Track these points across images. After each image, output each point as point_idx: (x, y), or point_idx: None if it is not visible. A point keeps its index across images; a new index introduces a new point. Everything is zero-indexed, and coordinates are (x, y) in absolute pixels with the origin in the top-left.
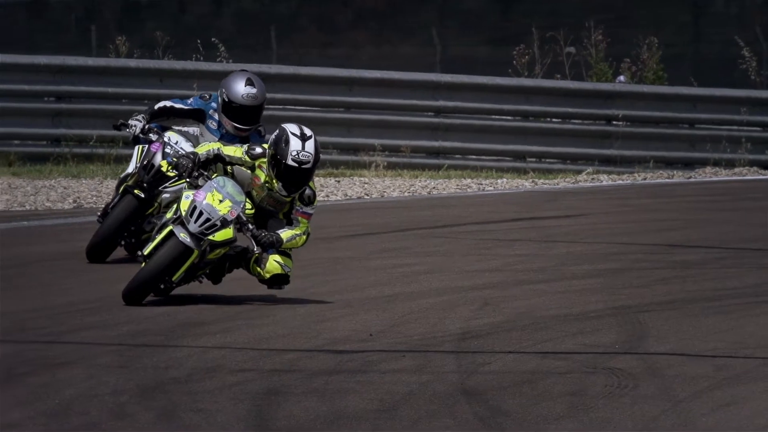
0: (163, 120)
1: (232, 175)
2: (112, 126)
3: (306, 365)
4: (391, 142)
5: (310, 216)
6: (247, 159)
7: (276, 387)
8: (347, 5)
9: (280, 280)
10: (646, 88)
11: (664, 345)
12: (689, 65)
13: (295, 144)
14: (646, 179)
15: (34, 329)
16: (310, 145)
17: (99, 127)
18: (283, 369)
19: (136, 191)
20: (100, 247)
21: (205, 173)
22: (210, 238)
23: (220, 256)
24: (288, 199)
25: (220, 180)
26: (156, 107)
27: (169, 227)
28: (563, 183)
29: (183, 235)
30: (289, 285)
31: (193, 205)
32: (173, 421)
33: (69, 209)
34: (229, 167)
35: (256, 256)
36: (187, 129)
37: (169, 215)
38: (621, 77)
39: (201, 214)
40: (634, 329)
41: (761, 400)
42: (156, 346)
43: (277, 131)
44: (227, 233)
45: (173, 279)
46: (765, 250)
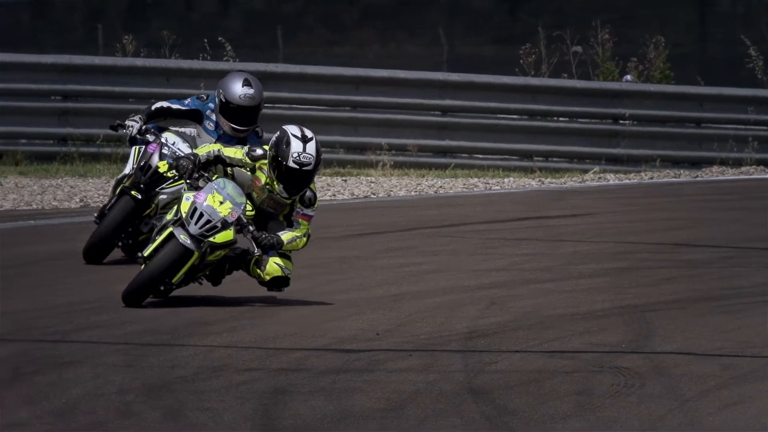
0: (160, 121)
1: (232, 177)
2: (109, 127)
3: (313, 364)
4: (397, 141)
5: (310, 218)
6: (247, 161)
7: (283, 386)
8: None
9: (280, 283)
10: (653, 87)
11: (671, 344)
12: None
13: (296, 146)
14: (652, 178)
15: (40, 328)
16: (311, 147)
17: (105, 126)
18: (290, 368)
19: (133, 192)
20: (97, 248)
21: (205, 175)
22: (210, 239)
23: (220, 258)
24: (288, 201)
25: (220, 181)
26: (153, 108)
27: (170, 229)
28: (570, 182)
29: (183, 237)
30: (296, 284)
31: (194, 206)
32: (180, 420)
33: (76, 208)
34: (229, 169)
35: (256, 258)
36: (184, 130)
37: (169, 217)
38: (628, 76)
39: (201, 215)
40: (641, 328)
41: None
42: (162, 345)
43: (278, 133)
44: (228, 235)
45: (173, 281)
46: None
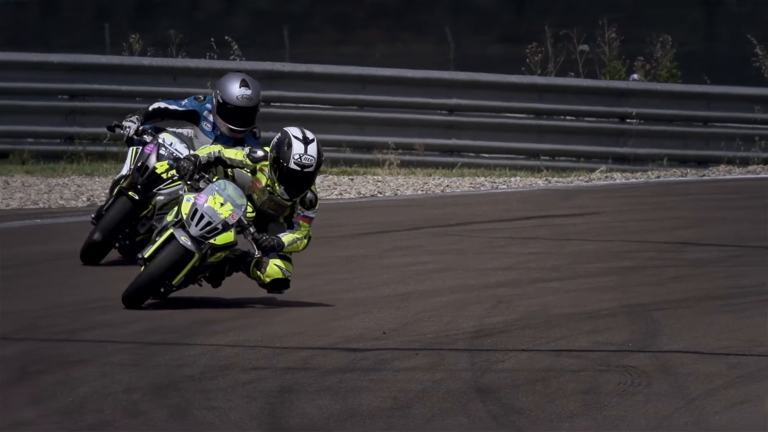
0: (157, 121)
1: (233, 178)
2: (106, 127)
3: (319, 363)
4: (404, 140)
5: (311, 220)
6: (248, 162)
7: (289, 385)
8: (360, 4)
9: (280, 285)
10: (660, 86)
11: (677, 343)
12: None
13: (297, 147)
14: (659, 177)
15: (46, 327)
16: (313, 149)
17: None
18: (297, 367)
19: (130, 193)
20: (94, 249)
21: (206, 176)
22: (211, 241)
23: (221, 260)
24: (289, 202)
25: (221, 183)
26: (150, 108)
27: (170, 230)
28: (577, 181)
29: (184, 239)
30: (302, 283)
31: (195, 208)
32: (186, 419)
33: (82, 207)
34: (229, 170)
35: (257, 259)
36: (181, 131)
37: (169, 218)
38: (635, 75)
39: (202, 217)
40: (647, 327)
41: None
42: (169, 344)
43: (280, 134)
44: (228, 237)
45: (173, 282)
46: None
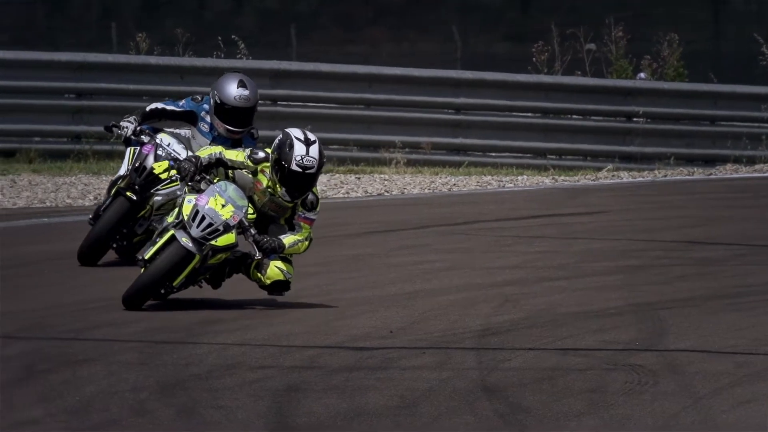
0: (154, 122)
1: (233, 180)
2: (104, 127)
3: (326, 362)
4: (411, 138)
5: (312, 221)
6: (249, 163)
7: (296, 384)
8: (367, 2)
9: (280, 287)
10: (667, 85)
11: (684, 342)
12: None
13: (299, 149)
14: (666, 176)
15: (53, 326)
16: (315, 150)
17: None
18: (303, 366)
19: (128, 193)
20: (92, 249)
21: (207, 177)
22: (212, 243)
23: (221, 261)
24: (290, 204)
25: (222, 184)
26: (147, 109)
27: (171, 231)
28: (583, 180)
29: (185, 240)
30: (309, 282)
31: (196, 209)
32: (193, 418)
33: (89, 206)
34: (230, 171)
35: (257, 261)
36: (179, 131)
37: (170, 219)
38: (641, 74)
39: (203, 218)
40: (654, 326)
41: None
42: (176, 342)
43: (281, 136)
44: (229, 238)
45: (174, 284)
46: None
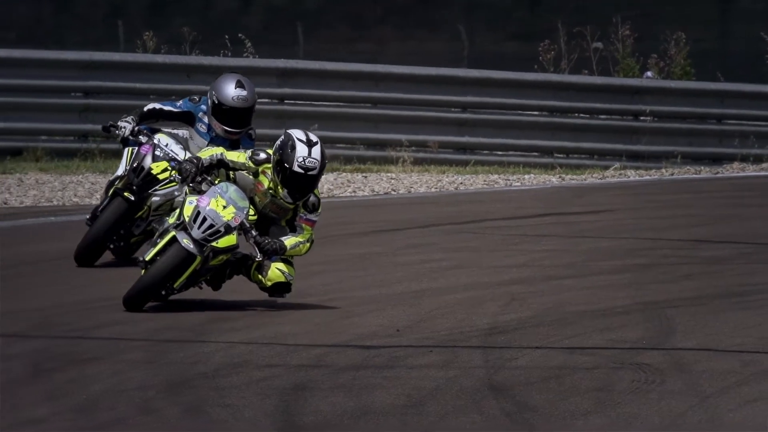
0: (152, 122)
1: (234, 181)
2: (101, 128)
3: (333, 361)
4: (418, 137)
5: (314, 223)
6: (250, 165)
7: (303, 382)
8: (374, 1)
9: (281, 288)
10: (674, 84)
11: (691, 340)
12: (716, 61)
13: (301, 150)
14: (673, 175)
15: (60, 325)
16: (317, 152)
17: None
18: (310, 364)
19: (125, 194)
20: (89, 250)
21: (208, 178)
22: (213, 244)
23: (222, 263)
24: (292, 205)
25: (223, 185)
26: (145, 109)
27: (172, 233)
28: (590, 178)
29: (186, 241)
30: (315, 281)
31: (197, 210)
32: (200, 417)
33: (96, 205)
34: (231, 173)
35: (258, 263)
36: (176, 131)
37: (171, 221)
38: (648, 73)
39: (205, 220)
40: (661, 325)
41: None
42: (182, 341)
43: (283, 137)
44: (230, 240)
45: (175, 285)
46: None
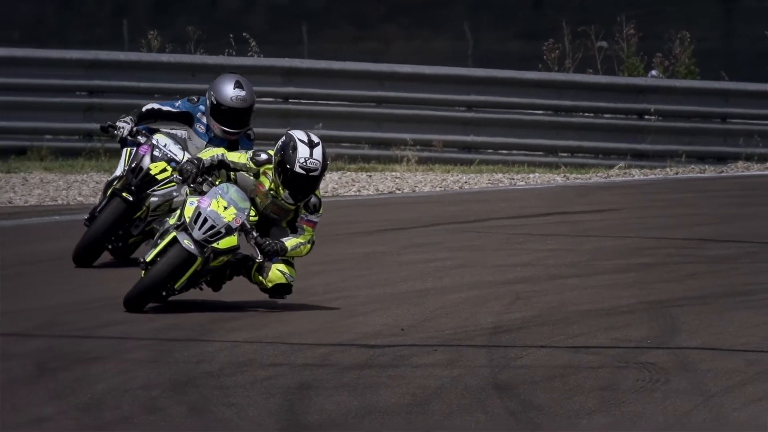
0: (150, 122)
1: (235, 182)
2: (100, 128)
3: (337, 360)
4: (422, 136)
5: (315, 224)
6: (251, 165)
7: (307, 381)
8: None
9: (282, 290)
10: (678, 83)
11: (696, 339)
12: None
13: (302, 151)
14: (678, 174)
15: (64, 324)
16: (318, 152)
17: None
18: (315, 363)
19: (123, 194)
20: (87, 250)
21: (209, 179)
22: (214, 245)
23: (222, 264)
24: (293, 207)
25: (224, 186)
26: (143, 109)
27: (173, 234)
28: (595, 178)
29: (187, 242)
30: (320, 280)
31: (198, 211)
32: (205, 416)
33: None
34: (232, 173)
35: (259, 264)
36: (175, 131)
37: (172, 221)
38: (653, 72)
39: (206, 221)
40: (666, 324)
41: None
42: (187, 340)
43: (284, 138)
44: (231, 241)
45: (176, 286)
46: None
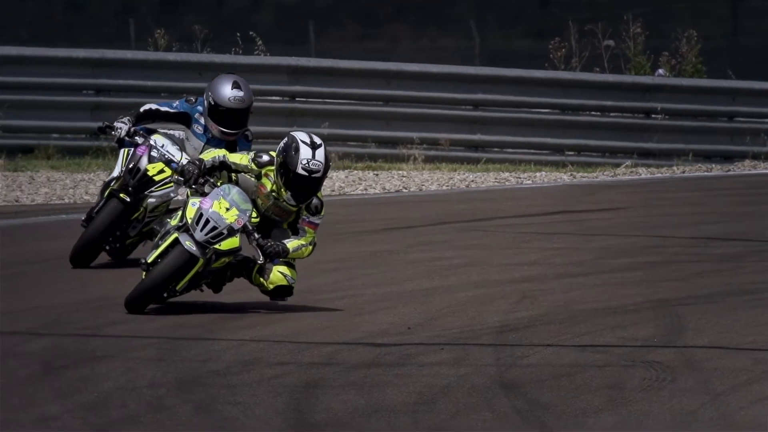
0: (148, 123)
1: (237, 183)
2: (97, 128)
3: (344, 358)
4: (429, 135)
5: (317, 226)
6: (253, 167)
7: (314, 380)
8: None
9: (283, 292)
10: (685, 81)
11: (703, 338)
12: (727, 58)
13: (305, 152)
14: (684, 172)
15: (72, 323)
16: (320, 154)
17: None
18: (322, 362)
19: (121, 195)
20: (85, 251)
21: (211, 180)
22: (216, 246)
23: (223, 265)
24: (295, 208)
25: (225, 187)
26: (141, 110)
27: (174, 235)
28: (602, 176)
29: (188, 244)
30: (327, 278)
31: (200, 212)
32: (211, 414)
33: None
34: (233, 175)
35: (260, 265)
36: (172, 132)
37: (173, 222)
38: (660, 70)
39: (207, 222)
40: (672, 322)
41: None
42: (194, 339)
43: (286, 139)
44: (233, 242)
45: (177, 288)
46: None
